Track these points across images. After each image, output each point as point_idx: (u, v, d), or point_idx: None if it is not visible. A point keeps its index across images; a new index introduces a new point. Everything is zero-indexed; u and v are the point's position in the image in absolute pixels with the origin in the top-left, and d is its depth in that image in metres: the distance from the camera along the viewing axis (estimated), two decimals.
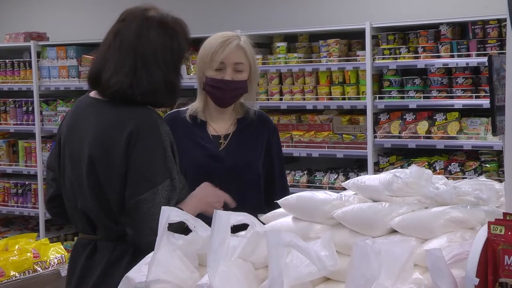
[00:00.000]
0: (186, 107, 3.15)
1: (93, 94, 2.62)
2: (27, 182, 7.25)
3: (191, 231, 2.00)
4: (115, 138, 2.46)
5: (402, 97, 5.50)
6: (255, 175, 3.06)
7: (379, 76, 5.63)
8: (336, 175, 5.81)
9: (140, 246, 2.44)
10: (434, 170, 5.29)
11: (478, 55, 5.18)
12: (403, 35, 5.57)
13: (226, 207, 2.62)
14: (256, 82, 3.10)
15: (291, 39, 6.12)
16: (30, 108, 7.21)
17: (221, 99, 3.03)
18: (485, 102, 5.07)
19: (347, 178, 5.52)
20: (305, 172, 5.97)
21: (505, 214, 1.74)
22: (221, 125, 3.08)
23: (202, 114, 3.09)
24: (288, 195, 3.04)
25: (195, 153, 2.98)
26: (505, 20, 3.57)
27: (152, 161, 2.46)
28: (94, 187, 2.49)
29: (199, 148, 3.00)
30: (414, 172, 2.10)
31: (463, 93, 5.26)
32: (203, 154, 2.99)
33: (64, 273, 3.32)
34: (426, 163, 5.40)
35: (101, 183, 2.48)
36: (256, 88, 3.13)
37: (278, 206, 2.27)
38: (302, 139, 5.88)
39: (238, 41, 3.00)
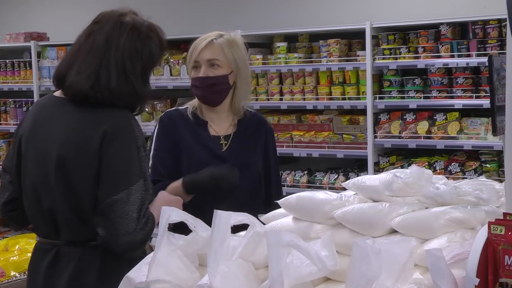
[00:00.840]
0: (185, 106, 3.15)
1: (58, 93, 2.59)
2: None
3: (191, 231, 2.00)
4: (88, 137, 2.43)
5: (402, 97, 5.50)
6: (256, 176, 3.08)
7: (379, 76, 5.63)
8: (336, 175, 5.81)
9: (112, 247, 2.41)
10: (434, 170, 5.29)
11: (478, 55, 5.17)
12: (403, 35, 5.57)
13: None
14: (245, 80, 3.06)
15: (291, 39, 6.12)
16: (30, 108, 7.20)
17: (203, 97, 3.03)
18: (485, 102, 5.07)
19: (347, 178, 5.52)
20: (305, 172, 5.97)
21: (505, 214, 1.74)
22: (220, 126, 3.09)
23: (201, 114, 3.10)
24: (282, 194, 3.05)
25: (200, 153, 2.99)
26: (505, 20, 3.57)
27: (127, 161, 2.43)
28: (63, 187, 2.45)
29: (204, 148, 3.01)
30: (414, 172, 2.09)
31: (463, 93, 5.26)
32: (208, 154, 3.00)
33: None
34: (426, 163, 5.40)
35: (72, 183, 2.44)
36: (248, 87, 3.10)
37: (276, 207, 2.28)
38: (302, 139, 5.88)
39: (213, 39, 3.00)
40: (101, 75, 2.46)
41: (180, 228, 2.05)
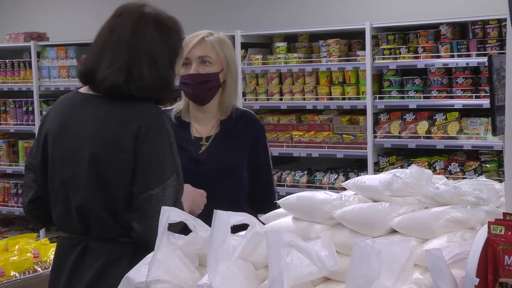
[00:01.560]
0: (171, 107, 3.13)
1: (84, 90, 2.59)
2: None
3: (191, 231, 2.00)
4: (122, 133, 2.45)
5: (402, 97, 5.50)
6: (237, 179, 3.00)
7: (379, 76, 5.64)
8: (336, 175, 5.81)
9: (149, 241, 2.41)
10: (434, 170, 5.29)
11: (478, 55, 5.18)
12: (403, 35, 5.57)
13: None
14: (234, 79, 3.04)
15: (291, 39, 6.12)
16: (30, 108, 7.21)
17: (193, 95, 3.00)
18: (485, 102, 5.07)
19: (347, 178, 5.52)
20: (305, 172, 5.97)
21: (505, 214, 1.74)
22: (203, 126, 3.05)
23: (186, 115, 3.08)
24: (275, 198, 3.00)
25: None
26: (505, 20, 3.57)
27: (161, 156, 2.46)
28: (96, 184, 2.46)
29: (181, 151, 2.94)
30: (414, 172, 2.09)
31: (463, 93, 5.27)
32: (183, 157, 2.91)
33: None
34: (426, 163, 5.40)
35: (105, 179, 2.45)
36: (236, 86, 3.07)
37: (267, 210, 2.28)
38: (302, 139, 5.89)
39: (204, 36, 3.00)
40: (133, 68, 2.48)
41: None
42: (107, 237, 2.51)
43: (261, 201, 2.97)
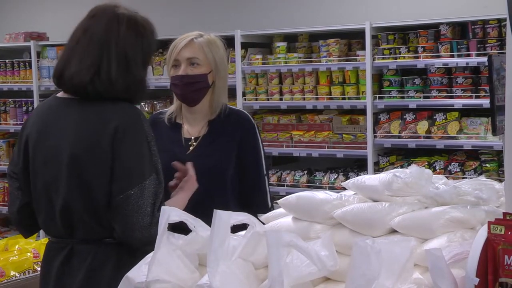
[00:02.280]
0: (166, 109, 3.16)
1: (61, 94, 2.60)
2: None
3: (191, 231, 2.00)
4: (99, 134, 2.44)
5: (402, 97, 5.50)
6: (223, 180, 3.00)
7: (379, 76, 5.63)
8: (336, 175, 5.81)
9: (129, 241, 2.43)
10: (434, 170, 5.29)
11: (478, 55, 5.18)
12: (403, 35, 5.57)
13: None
14: (223, 81, 3.06)
15: (291, 39, 6.12)
16: (30, 108, 7.21)
17: (183, 96, 3.02)
18: (485, 102, 5.07)
19: (347, 178, 5.52)
20: (305, 172, 5.97)
21: (505, 214, 1.74)
22: (194, 127, 3.07)
23: (179, 116, 3.10)
24: (267, 198, 3.01)
25: (164, 157, 2.90)
26: (505, 20, 3.57)
27: (139, 155, 2.46)
28: (77, 186, 2.46)
29: (167, 152, 2.93)
30: (414, 172, 2.09)
31: (463, 93, 5.27)
32: (171, 158, 2.91)
33: None
34: (426, 163, 5.40)
35: (85, 181, 2.45)
36: (226, 87, 3.09)
37: (255, 211, 2.28)
38: (302, 139, 5.89)
39: (193, 38, 3.02)
40: (102, 66, 2.47)
41: (179, 228, 2.05)
42: (91, 238, 2.50)
43: (248, 201, 2.99)
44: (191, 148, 3.04)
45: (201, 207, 2.39)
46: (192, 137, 3.06)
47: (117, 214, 2.43)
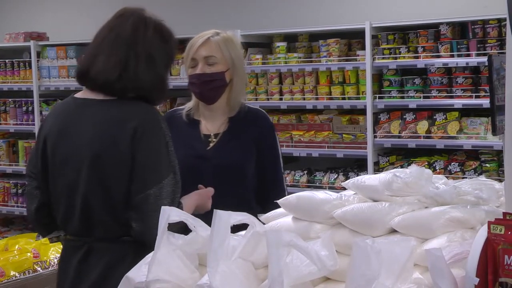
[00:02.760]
0: (184, 106, 3.18)
1: (79, 95, 2.63)
2: (27, 182, 7.23)
3: (191, 231, 2.00)
4: (119, 134, 2.48)
5: (402, 97, 5.50)
6: (243, 176, 3.04)
7: (379, 76, 5.63)
8: (336, 175, 5.81)
9: (147, 241, 2.42)
10: (434, 170, 5.29)
11: (478, 54, 5.18)
12: (403, 35, 5.57)
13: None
14: (241, 78, 3.08)
15: (291, 39, 6.12)
16: (30, 108, 7.21)
17: (200, 94, 3.05)
18: (485, 102, 5.07)
19: (347, 178, 5.52)
20: (305, 172, 5.97)
21: (505, 213, 1.74)
22: (212, 124, 3.09)
23: (196, 113, 3.12)
24: (280, 196, 3.03)
25: (182, 153, 2.93)
26: (505, 19, 3.57)
27: (158, 155, 2.50)
28: (97, 185, 2.50)
29: (187, 148, 3.00)
30: (414, 172, 2.09)
31: (463, 92, 5.27)
32: (190, 154, 2.99)
33: None
34: (426, 163, 5.40)
35: (105, 180, 2.49)
36: (244, 85, 3.13)
37: (272, 208, 2.28)
38: (302, 139, 5.89)
39: (210, 36, 3.03)
40: (129, 64, 2.51)
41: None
42: (109, 237, 2.54)
43: (266, 198, 2.99)
44: (211, 144, 3.06)
45: (223, 203, 2.42)
46: (212, 134, 3.07)
47: (136, 213, 2.47)
